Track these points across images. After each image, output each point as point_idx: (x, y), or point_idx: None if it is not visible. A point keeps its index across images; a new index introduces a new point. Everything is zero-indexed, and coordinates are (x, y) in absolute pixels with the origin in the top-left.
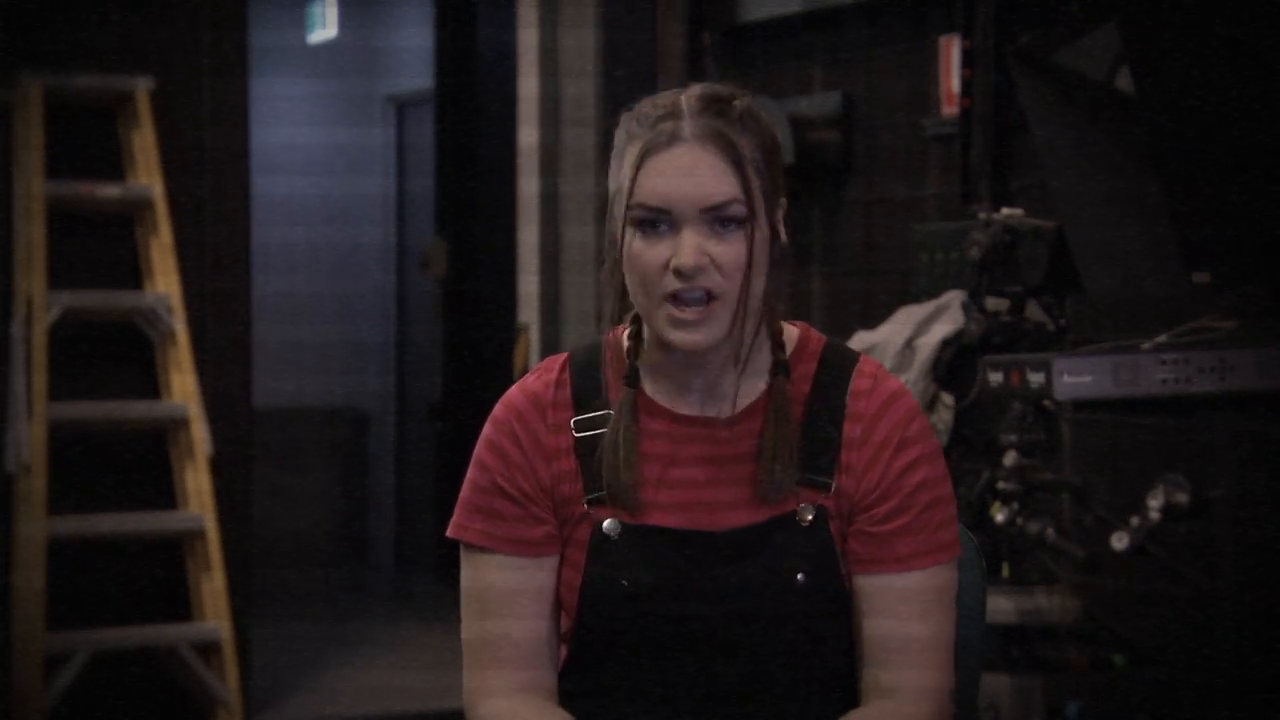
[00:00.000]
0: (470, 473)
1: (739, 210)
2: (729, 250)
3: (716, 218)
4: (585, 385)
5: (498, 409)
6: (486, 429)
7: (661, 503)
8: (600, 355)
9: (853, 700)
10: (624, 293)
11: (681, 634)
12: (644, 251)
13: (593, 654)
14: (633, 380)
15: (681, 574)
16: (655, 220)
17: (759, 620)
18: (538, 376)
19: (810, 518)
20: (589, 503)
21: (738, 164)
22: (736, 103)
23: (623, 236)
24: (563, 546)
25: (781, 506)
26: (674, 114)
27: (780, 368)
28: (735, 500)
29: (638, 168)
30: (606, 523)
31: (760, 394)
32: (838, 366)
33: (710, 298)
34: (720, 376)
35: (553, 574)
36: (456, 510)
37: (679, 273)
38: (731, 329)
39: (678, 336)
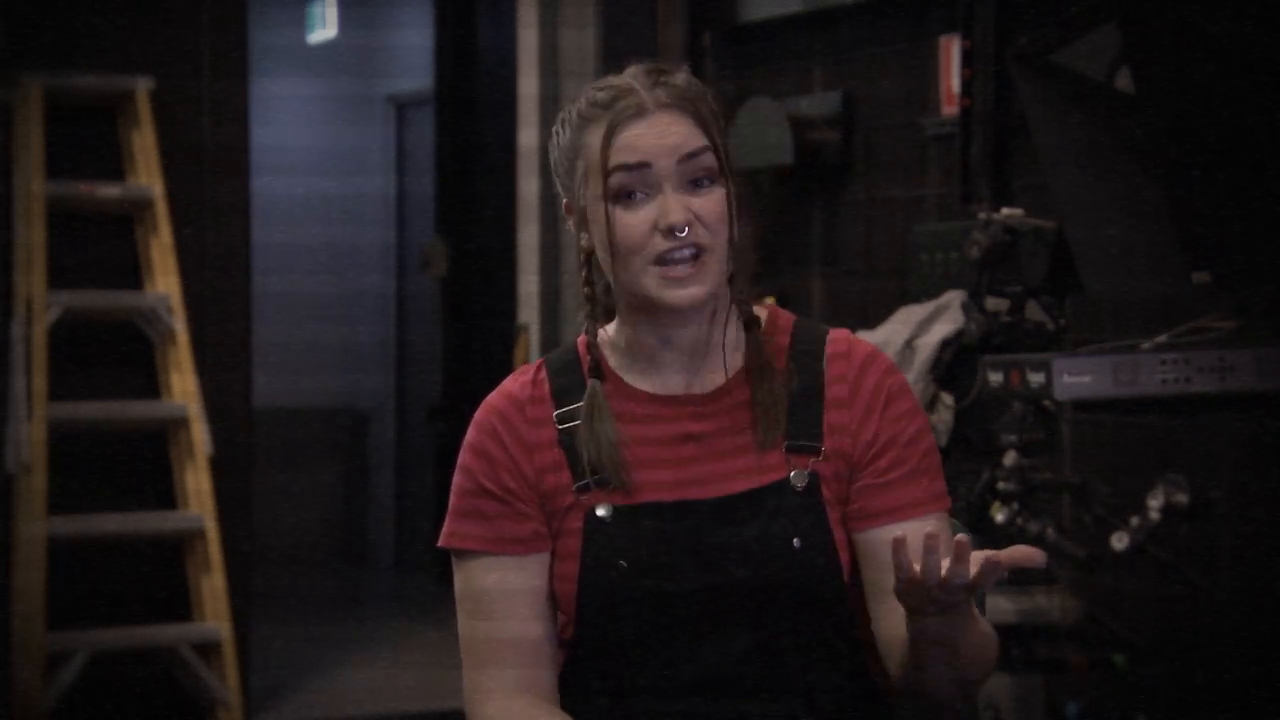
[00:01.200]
0: (455, 480)
1: (711, 161)
2: (709, 203)
3: (692, 176)
4: (563, 382)
5: (478, 414)
6: (468, 434)
7: (653, 483)
8: (576, 354)
9: (856, 674)
10: (592, 288)
11: (681, 610)
12: (625, 220)
13: (592, 646)
14: (596, 371)
15: (677, 546)
16: (633, 189)
17: (757, 589)
18: (514, 379)
19: (803, 485)
20: (578, 490)
21: (703, 122)
22: (679, 73)
23: (608, 217)
24: (553, 540)
25: (773, 474)
26: (629, 91)
27: (755, 338)
28: (725, 472)
29: (609, 141)
30: (600, 507)
31: (737, 369)
32: (810, 337)
33: (699, 251)
34: (698, 353)
35: (544, 573)
36: (446, 521)
37: (670, 230)
38: (722, 273)
39: (671, 294)
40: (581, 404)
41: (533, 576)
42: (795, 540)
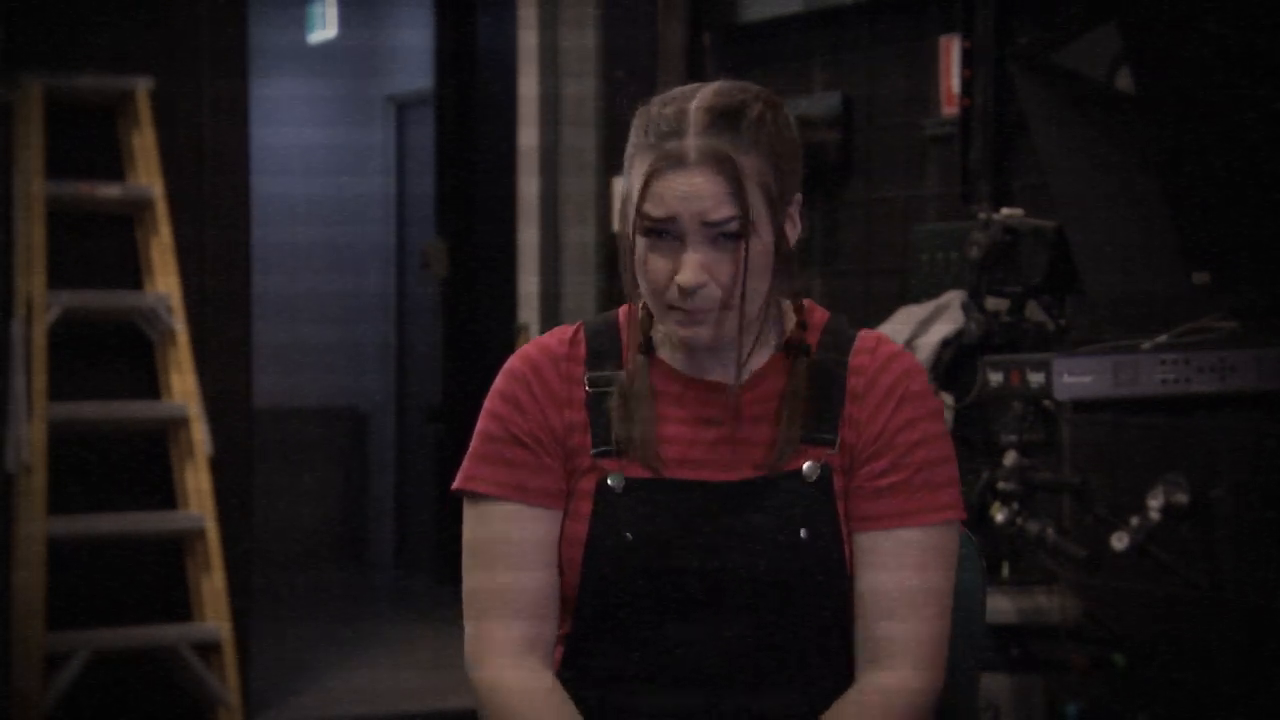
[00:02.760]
0: (480, 424)
1: (736, 227)
2: (730, 263)
3: (718, 233)
4: (600, 346)
5: (512, 362)
6: (499, 381)
7: (668, 460)
8: (616, 322)
9: (850, 661)
10: (635, 280)
11: (684, 589)
12: (651, 260)
13: (594, 616)
14: (646, 347)
15: (685, 525)
16: (661, 230)
17: (761, 576)
18: (552, 335)
19: (816, 476)
20: (596, 455)
21: (738, 185)
22: (747, 112)
23: (636, 243)
24: (567, 500)
25: (787, 464)
26: (680, 131)
27: (799, 347)
28: (740, 459)
29: (646, 184)
30: (611, 477)
31: (768, 360)
32: (840, 334)
33: (712, 304)
34: (730, 346)
35: (555, 529)
36: (465, 463)
37: (682, 290)
38: (735, 326)
39: (682, 333)
40: (611, 372)
41: (545, 529)
42: (802, 531)
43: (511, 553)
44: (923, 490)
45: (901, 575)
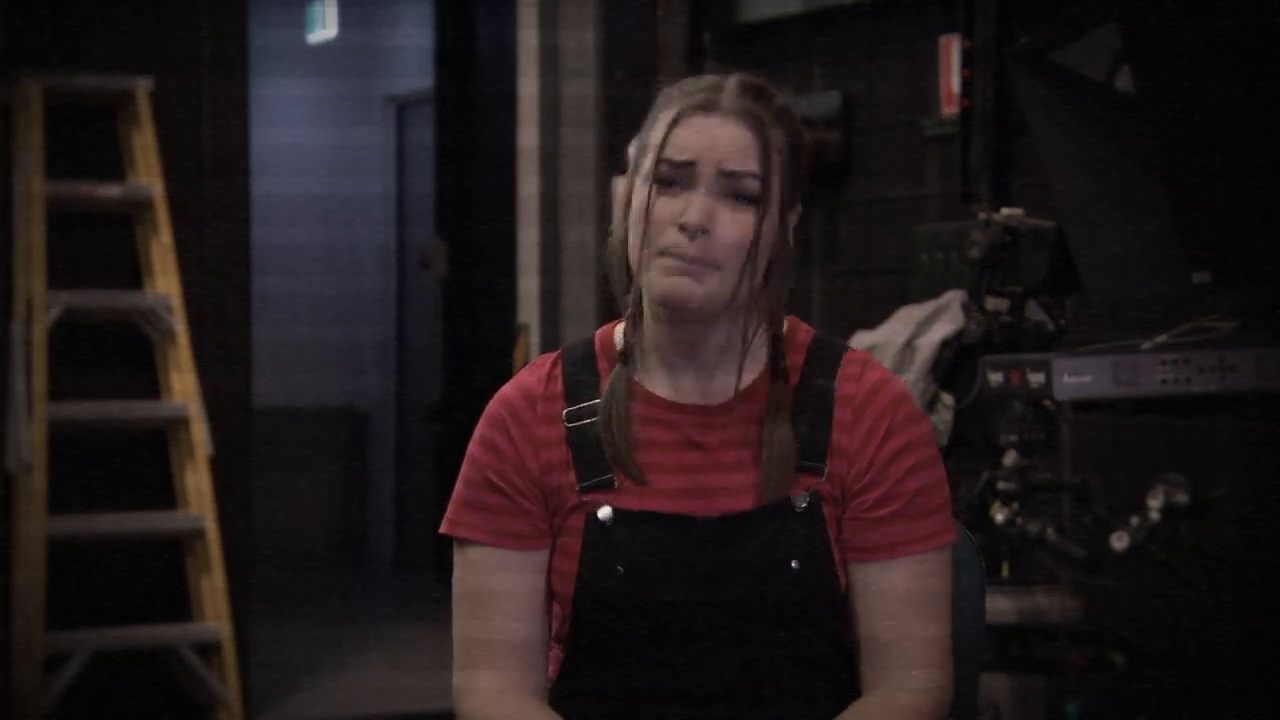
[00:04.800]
0: (463, 469)
1: (753, 185)
2: (737, 221)
3: (732, 189)
4: (578, 379)
5: (491, 405)
6: (480, 425)
7: (657, 488)
8: (592, 350)
9: (850, 692)
10: (627, 266)
11: (677, 621)
12: (658, 205)
13: (588, 647)
14: (626, 356)
15: (676, 558)
16: (674, 179)
17: (754, 607)
18: (530, 372)
19: (805, 505)
20: (582, 490)
21: (764, 146)
22: (777, 98)
23: (650, 192)
24: (555, 536)
25: (776, 492)
26: (713, 87)
27: (778, 363)
28: (730, 486)
29: (671, 126)
30: (601, 510)
31: (752, 381)
32: (825, 357)
33: (704, 259)
34: (713, 364)
35: (542, 571)
36: (449, 507)
37: (684, 228)
38: (728, 296)
39: (663, 283)
40: (593, 402)
41: (530, 572)
42: (794, 562)
43: (496, 598)
44: (918, 518)
45: (901, 600)
